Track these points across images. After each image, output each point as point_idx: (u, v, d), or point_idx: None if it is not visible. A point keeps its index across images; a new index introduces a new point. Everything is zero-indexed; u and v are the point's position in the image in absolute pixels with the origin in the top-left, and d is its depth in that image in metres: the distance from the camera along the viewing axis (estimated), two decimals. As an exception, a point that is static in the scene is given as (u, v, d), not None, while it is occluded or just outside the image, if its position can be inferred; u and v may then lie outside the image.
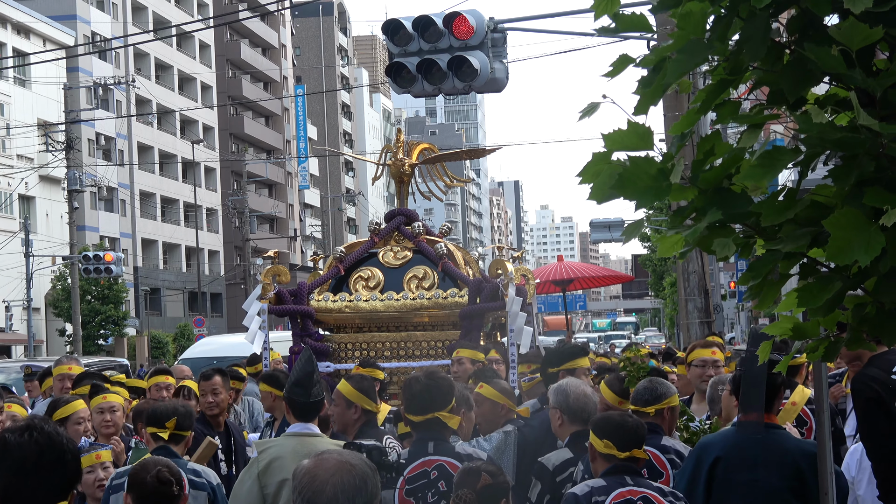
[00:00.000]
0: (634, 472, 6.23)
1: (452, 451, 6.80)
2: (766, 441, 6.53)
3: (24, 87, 65.38)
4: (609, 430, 6.31)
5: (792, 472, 6.45)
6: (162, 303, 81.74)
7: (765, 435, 6.55)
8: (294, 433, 7.70)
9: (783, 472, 6.45)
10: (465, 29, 15.49)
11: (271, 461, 7.38)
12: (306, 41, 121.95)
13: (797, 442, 6.75)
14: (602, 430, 6.32)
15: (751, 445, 6.53)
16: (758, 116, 3.74)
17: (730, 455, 6.54)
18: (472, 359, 9.71)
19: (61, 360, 12.32)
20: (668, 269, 63.67)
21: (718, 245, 3.70)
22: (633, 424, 6.36)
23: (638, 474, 6.24)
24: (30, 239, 52.99)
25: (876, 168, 3.48)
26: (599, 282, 31.47)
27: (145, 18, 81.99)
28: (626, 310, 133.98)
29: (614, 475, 6.19)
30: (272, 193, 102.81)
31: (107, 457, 8.04)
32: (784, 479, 6.44)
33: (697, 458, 6.65)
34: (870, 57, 3.55)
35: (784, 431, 6.86)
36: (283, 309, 10.86)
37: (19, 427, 4.00)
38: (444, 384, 7.01)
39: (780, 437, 6.64)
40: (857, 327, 3.86)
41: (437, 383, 6.97)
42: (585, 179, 3.69)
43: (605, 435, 6.29)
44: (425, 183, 11.61)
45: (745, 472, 6.48)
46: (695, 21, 3.57)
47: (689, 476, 6.53)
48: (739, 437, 6.59)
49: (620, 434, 6.26)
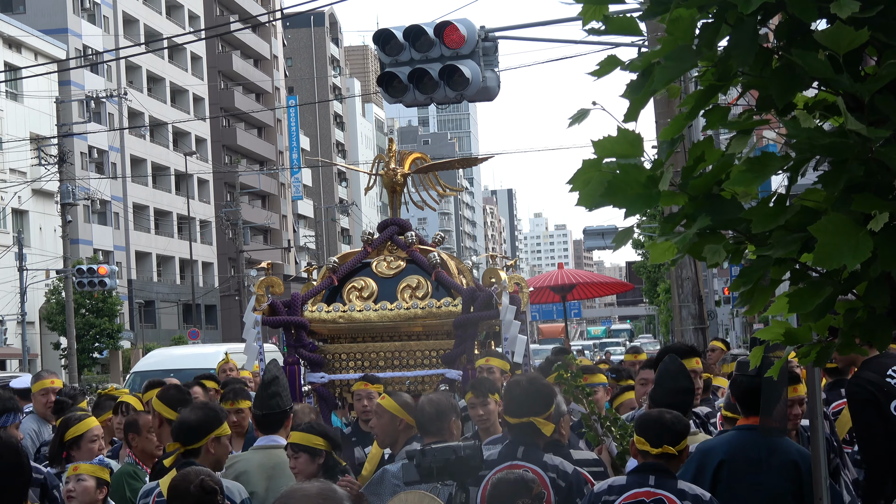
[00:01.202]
0: (662, 472, 6.22)
1: (539, 460, 6.84)
2: (770, 444, 6.55)
3: (16, 101, 65.35)
4: (644, 426, 6.39)
5: (794, 476, 6.46)
6: (156, 315, 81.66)
7: (768, 438, 6.57)
8: (260, 446, 7.75)
9: (786, 476, 6.46)
10: (457, 38, 15.50)
11: (237, 476, 7.40)
12: (298, 52, 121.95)
13: (797, 446, 6.77)
14: (639, 427, 6.42)
15: (754, 448, 6.54)
16: (747, 122, 3.75)
17: (734, 458, 6.56)
18: (502, 368, 9.74)
19: (41, 374, 12.13)
20: (662, 276, 63.64)
21: (709, 251, 3.70)
22: (668, 420, 6.37)
23: (666, 473, 6.23)
24: (23, 253, 52.94)
25: (865, 173, 3.48)
26: (600, 290, 31.43)
27: (137, 31, 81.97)
28: (620, 317, 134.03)
29: (640, 473, 6.21)
30: (265, 204, 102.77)
31: (84, 469, 7.36)
32: (787, 482, 6.46)
33: (700, 462, 6.64)
34: (857, 62, 3.56)
35: (785, 436, 6.88)
36: (276, 320, 10.85)
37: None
38: (544, 390, 7.07)
39: (781, 440, 6.66)
40: (849, 332, 3.87)
41: (537, 388, 7.03)
42: (576, 187, 3.70)
43: (641, 432, 6.36)
44: (418, 192, 11.60)
45: (750, 475, 6.50)
46: (683, 27, 3.57)
47: (692, 480, 6.53)
48: (743, 440, 6.61)
49: (654, 430, 6.29)
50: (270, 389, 7.75)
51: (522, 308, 11.21)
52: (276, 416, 7.84)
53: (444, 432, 7.39)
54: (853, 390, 6.91)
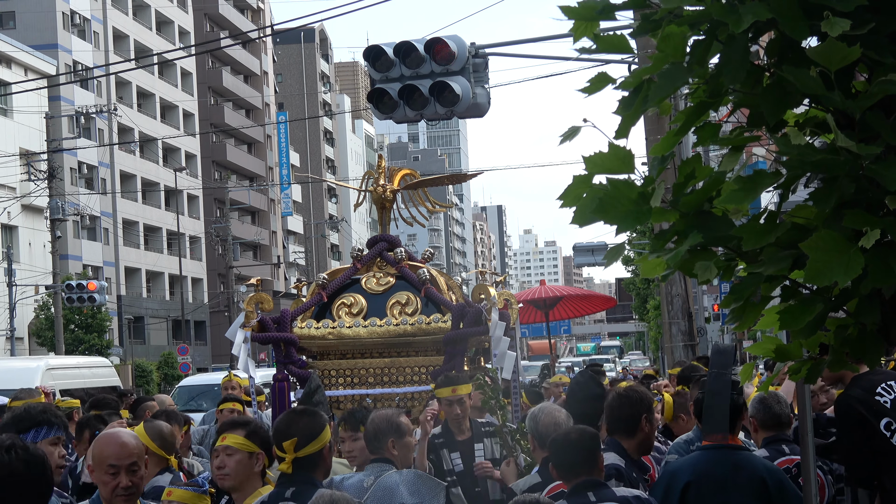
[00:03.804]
0: (599, 486, 6.12)
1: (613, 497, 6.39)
2: (735, 462, 6.52)
3: (5, 116, 65.27)
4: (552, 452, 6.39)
5: (762, 492, 6.43)
6: (146, 331, 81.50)
7: (733, 456, 6.55)
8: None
9: (754, 493, 6.43)
10: (447, 54, 15.52)
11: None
12: (288, 68, 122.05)
13: (763, 462, 6.75)
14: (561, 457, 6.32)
15: (720, 467, 6.51)
16: (738, 139, 3.75)
17: (700, 479, 6.50)
18: (469, 393, 9.53)
19: (20, 395, 11.99)
20: (652, 293, 63.68)
21: (700, 268, 3.70)
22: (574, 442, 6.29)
23: (602, 487, 6.13)
24: (12, 268, 52.80)
25: (856, 189, 3.49)
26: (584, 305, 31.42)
27: (127, 47, 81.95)
28: (610, 333, 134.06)
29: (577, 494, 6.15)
30: (255, 220, 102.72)
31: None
32: (755, 499, 6.42)
33: (667, 484, 6.60)
34: (848, 79, 3.56)
35: (750, 452, 6.88)
36: (266, 336, 10.83)
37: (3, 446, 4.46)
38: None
39: (747, 457, 6.64)
40: (840, 349, 3.87)
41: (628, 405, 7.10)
42: (566, 203, 3.70)
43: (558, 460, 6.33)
44: (407, 209, 11.60)
45: (717, 494, 6.45)
46: (675, 44, 3.57)
47: (659, 502, 6.49)
48: (708, 459, 6.57)
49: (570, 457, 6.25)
50: (315, 398, 7.84)
51: (512, 324, 11.20)
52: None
53: (383, 451, 7.33)
54: (842, 409, 6.90)
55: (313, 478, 6.11)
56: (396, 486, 6.94)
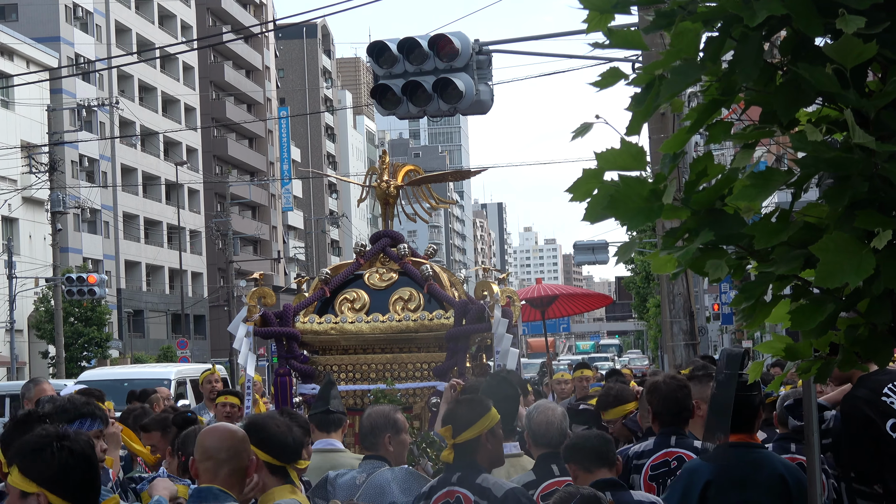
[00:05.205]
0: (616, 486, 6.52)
1: (691, 446, 7.31)
2: (755, 460, 6.52)
3: (7, 108, 65.26)
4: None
5: (782, 490, 6.42)
6: (145, 325, 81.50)
7: (752, 455, 6.54)
8: (318, 449, 7.90)
9: (774, 491, 6.42)
10: (451, 51, 15.47)
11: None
12: (290, 63, 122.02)
13: (783, 460, 6.74)
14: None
15: (740, 466, 6.50)
16: (751, 135, 3.72)
17: (720, 477, 6.50)
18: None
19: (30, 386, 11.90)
20: (652, 292, 63.63)
21: (711, 266, 3.68)
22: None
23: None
24: (12, 261, 52.75)
25: (869, 189, 3.46)
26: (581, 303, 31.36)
27: (129, 40, 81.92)
28: (609, 332, 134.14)
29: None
30: (256, 215, 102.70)
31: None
32: (775, 497, 6.41)
33: (687, 482, 6.60)
34: (863, 78, 3.54)
35: (769, 450, 6.86)
36: (268, 331, 10.82)
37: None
38: (687, 391, 7.54)
39: (767, 455, 6.63)
40: (850, 349, 3.85)
41: (683, 388, 7.51)
42: (576, 197, 3.67)
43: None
44: (410, 205, 11.59)
45: (736, 492, 6.45)
46: (688, 40, 3.55)
47: (679, 501, 6.49)
48: (727, 458, 6.56)
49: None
50: (333, 391, 7.99)
51: (514, 321, 11.19)
52: (337, 416, 8.10)
53: (378, 447, 7.33)
54: (848, 410, 6.87)
55: (476, 462, 6.32)
56: (388, 484, 6.94)
